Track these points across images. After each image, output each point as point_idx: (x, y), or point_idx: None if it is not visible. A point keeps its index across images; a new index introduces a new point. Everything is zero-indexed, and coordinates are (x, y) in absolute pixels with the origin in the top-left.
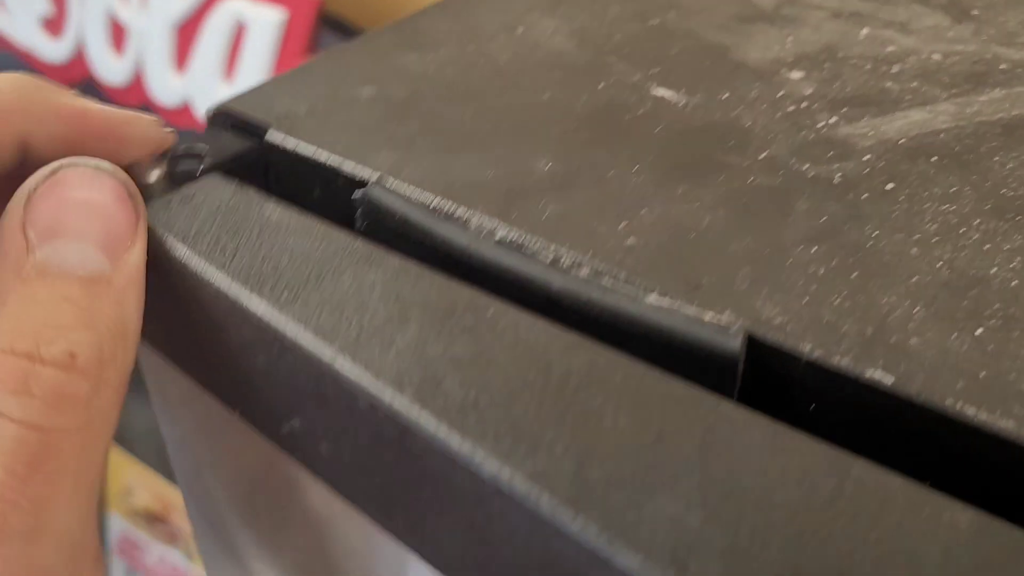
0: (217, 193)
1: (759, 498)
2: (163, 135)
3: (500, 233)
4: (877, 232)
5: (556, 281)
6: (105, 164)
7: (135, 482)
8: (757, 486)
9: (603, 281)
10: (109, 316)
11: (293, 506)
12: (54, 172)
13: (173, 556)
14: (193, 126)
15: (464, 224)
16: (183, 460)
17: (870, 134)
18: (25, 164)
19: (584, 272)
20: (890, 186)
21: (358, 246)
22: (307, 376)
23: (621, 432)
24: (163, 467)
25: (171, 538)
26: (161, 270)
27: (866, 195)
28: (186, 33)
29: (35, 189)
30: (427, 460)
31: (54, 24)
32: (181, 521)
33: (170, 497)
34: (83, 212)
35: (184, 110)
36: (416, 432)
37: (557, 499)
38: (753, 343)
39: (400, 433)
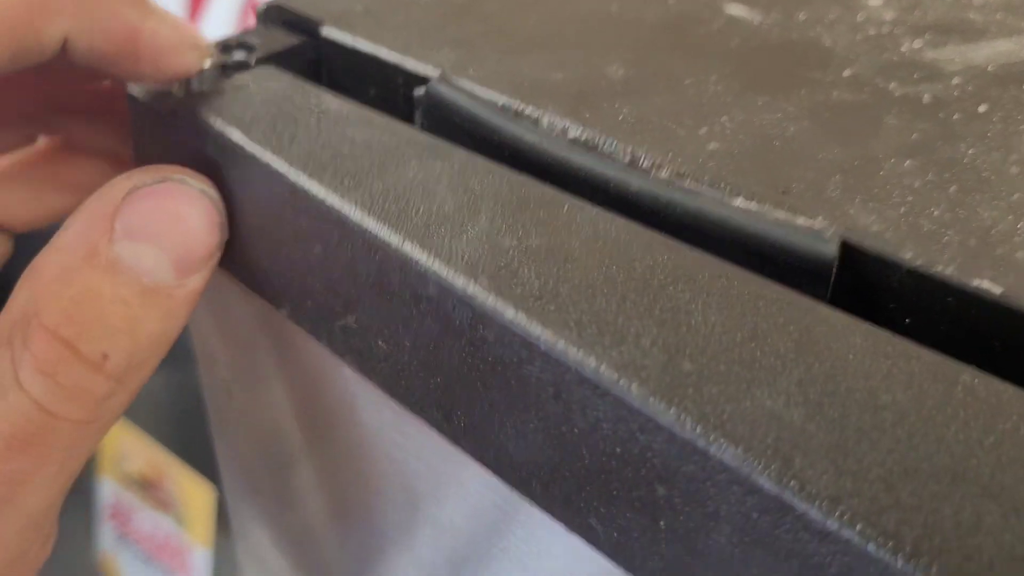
0: (272, 83)
1: (864, 399)
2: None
3: (573, 132)
4: (973, 151)
5: (634, 182)
6: (211, 191)
7: (129, 447)
8: (861, 388)
9: (685, 183)
10: (154, 329)
11: (336, 431)
12: (162, 181)
13: (165, 523)
14: None
15: (535, 123)
16: (217, 396)
17: (956, 60)
18: (64, 59)
19: (664, 173)
20: (983, 108)
21: (423, 138)
22: (369, 264)
23: (712, 329)
24: (159, 432)
25: (163, 505)
26: (210, 159)
27: (958, 116)
28: None
29: (138, 188)
30: (501, 351)
31: None
32: (174, 488)
33: (164, 463)
34: (173, 227)
35: None
36: (492, 320)
37: (648, 389)
38: (848, 250)
39: (472, 322)
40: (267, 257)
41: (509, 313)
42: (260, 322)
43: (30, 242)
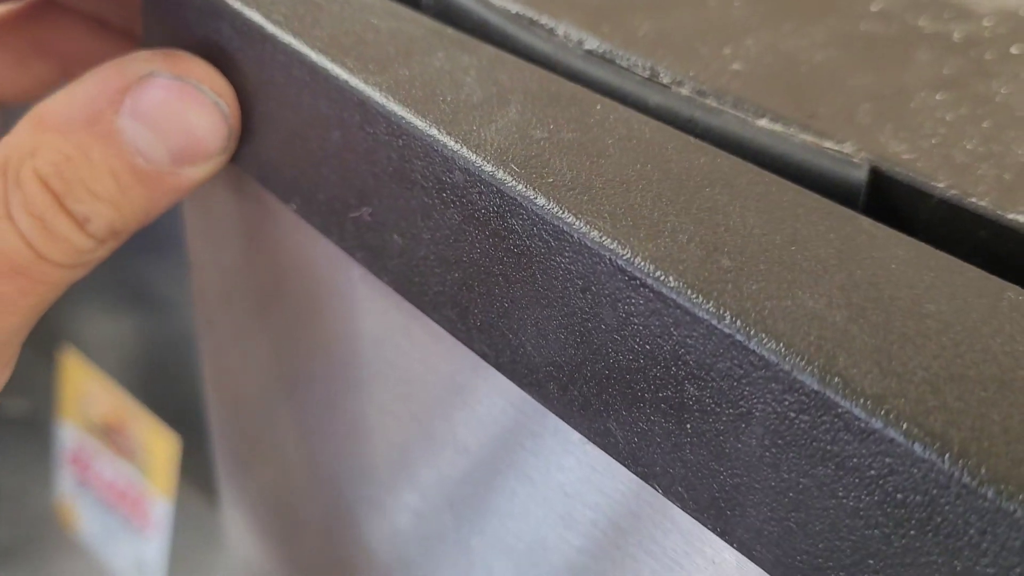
0: None
1: (907, 307)
2: None
3: (590, 44)
4: (1006, 89)
5: (653, 97)
6: (223, 101)
7: (93, 391)
8: (904, 296)
9: (707, 100)
10: (137, 207)
11: (337, 344)
12: (178, 79)
13: (126, 470)
14: None
15: (549, 33)
16: (210, 321)
17: (986, 2)
18: None
19: (686, 90)
20: (1015, 49)
21: (450, 32)
22: (391, 151)
23: (751, 230)
24: (123, 378)
25: (125, 452)
26: (225, 40)
27: (990, 54)
28: None
29: (155, 76)
30: (528, 242)
31: None
32: (137, 435)
33: (128, 409)
34: (178, 126)
35: None
36: (520, 208)
37: (686, 281)
38: (878, 176)
39: (499, 211)
40: (279, 147)
41: (540, 201)
42: (260, 229)
43: None
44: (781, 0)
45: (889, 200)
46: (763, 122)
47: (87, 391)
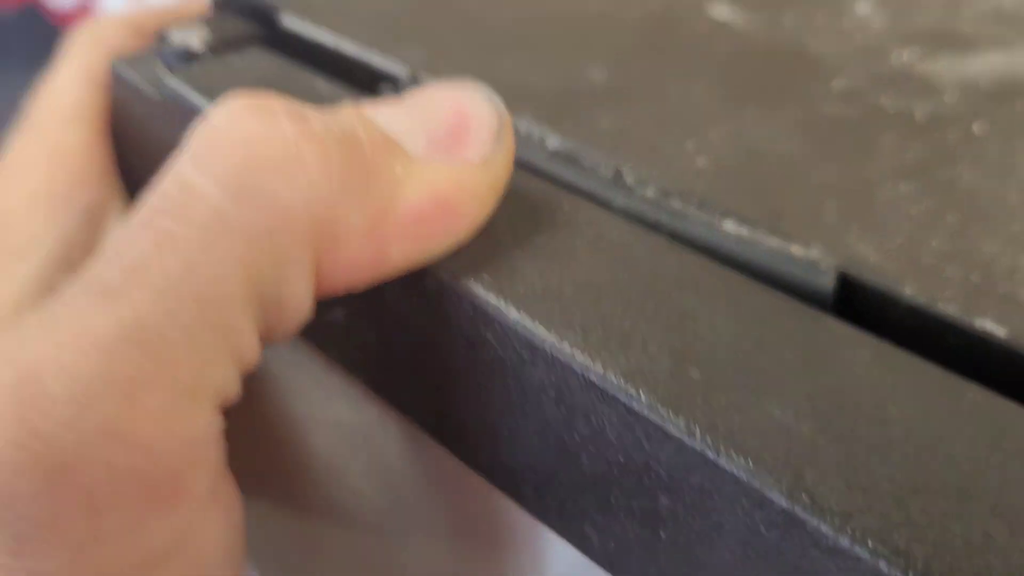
0: (260, 63)
1: (872, 413)
2: None
3: (552, 143)
4: (969, 174)
5: (618, 199)
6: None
7: None
8: (868, 401)
9: (672, 202)
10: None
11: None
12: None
13: None
14: None
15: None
16: None
17: (948, 73)
18: None
19: (650, 192)
20: (977, 127)
21: None
22: None
23: (719, 335)
24: None
25: None
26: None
27: (953, 135)
28: None
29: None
30: (502, 352)
31: None
32: None
33: None
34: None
35: None
36: (492, 319)
37: (656, 397)
38: (846, 283)
39: (471, 321)
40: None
41: (511, 314)
42: None
43: None
44: (744, 82)
45: (857, 304)
46: (729, 224)
47: None
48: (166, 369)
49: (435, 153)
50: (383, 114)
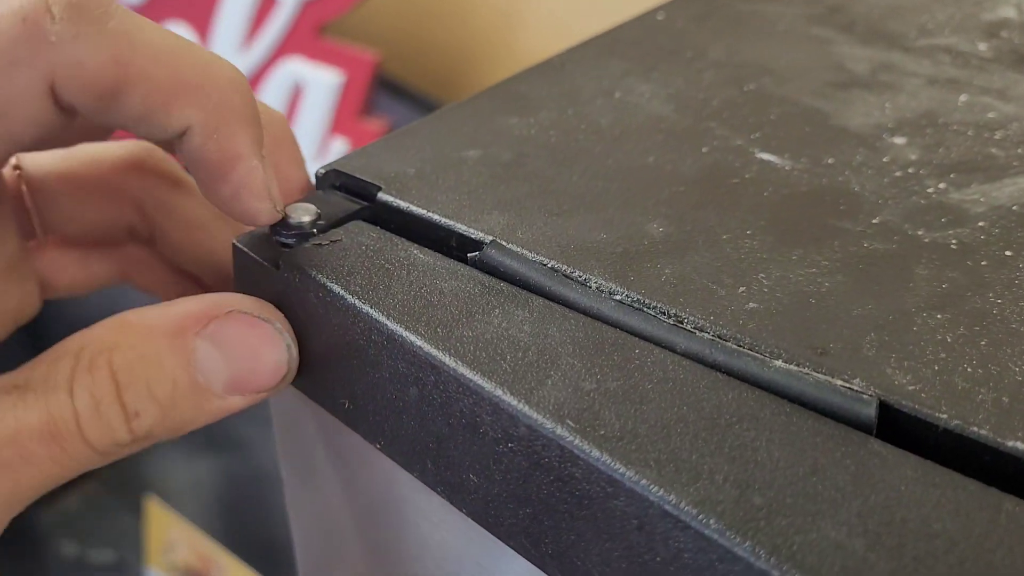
0: (363, 237)
1: (917, 528)
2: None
3: (619, 295)
4: (1001, 300)
5: (680, 342)
6: (293, 349)
7: (177, 538)
8: (914, 516)
9: (727, 345)
10: (181, 417)
11: (414, 548)
12: (266, 320)
13: None
14: None
15: (583, 285)
16: (303, 503)
17: (981, 200)
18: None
19: (707, 336)
20: (1008, 253)
21: (503, 287)
22: (462, 406)
23: (776, 463)
24: (204, 521)
25: None
26: (312, 310)
27: (985, 262)
28: None
29: (243, 313)
30: (588, 487)
31: None
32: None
33: (210, 552)
34: (247, 358)
35: None
36: (579, 459)
37: (724, 523)
38: (886, 410)
39: (560, 460)
40: (363, 397)
41: (595, 454)
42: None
43: None
44: (789, 225)
45: (898, 429)
46: (779, 363)
47: (170, 537)
48: None
49: None
50: (202, 349)
